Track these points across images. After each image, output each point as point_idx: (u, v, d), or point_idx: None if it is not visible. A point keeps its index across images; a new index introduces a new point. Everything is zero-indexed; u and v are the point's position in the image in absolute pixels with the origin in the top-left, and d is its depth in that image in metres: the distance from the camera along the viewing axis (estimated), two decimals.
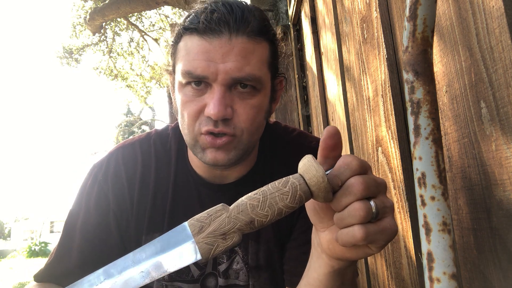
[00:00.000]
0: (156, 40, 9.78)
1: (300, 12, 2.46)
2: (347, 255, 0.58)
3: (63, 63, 10.25)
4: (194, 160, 0.90)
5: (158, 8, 8.50)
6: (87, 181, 0.92)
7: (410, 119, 0.41)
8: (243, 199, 0.53)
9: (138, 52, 10.32)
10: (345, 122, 1.38)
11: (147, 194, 0.89)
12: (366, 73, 1.10)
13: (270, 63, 0.82)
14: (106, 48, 9.96)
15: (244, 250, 0.91)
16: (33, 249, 19.33)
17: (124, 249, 0.89)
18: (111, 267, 0.54)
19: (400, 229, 0.91)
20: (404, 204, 0.86)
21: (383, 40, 0.93)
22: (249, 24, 0.76)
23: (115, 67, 10.40)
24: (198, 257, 0.52)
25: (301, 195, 0.52)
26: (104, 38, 9.77)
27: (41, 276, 0.90)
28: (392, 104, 0.89)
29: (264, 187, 0.53)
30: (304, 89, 2.52)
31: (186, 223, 0.54)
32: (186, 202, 0.90)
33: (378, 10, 0.95)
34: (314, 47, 1.94)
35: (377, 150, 1.04)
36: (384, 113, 0.95)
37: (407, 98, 0.41)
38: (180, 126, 0.83)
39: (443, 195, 0.39)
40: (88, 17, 7.20)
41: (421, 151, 0.40)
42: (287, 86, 0.97)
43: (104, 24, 8.57)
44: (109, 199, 0.89)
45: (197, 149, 0.80)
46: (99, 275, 0.54)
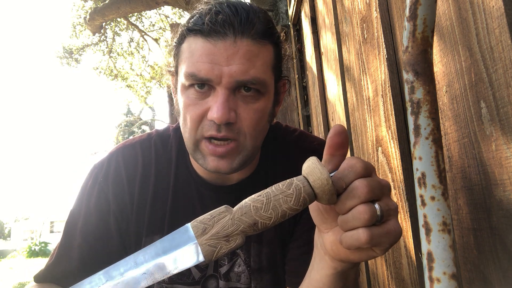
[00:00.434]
0: (156, 40, 9.78)
1: (300, 12, 2.46)
2: (351, 258, 0.57)
3: (63, 63, 10.26)
4: (195, 162, 0.89)
5: (158, 8, 8.50)
6: (88, 182, 0.91)
7: (410, 119, 0.41)
8: (247, 201, 0.53)
9: (138, 52, 10.32)
10: (345, 122, 1.38)
11: (147, 195, 0.89)
12: (366, 73, 1.10)
13: (274, 66, 0.81)
14: (106, 48, 9.96)
15: (246, 253, 0.90)
16: (33, 249, 19.33)
17: (125, 250, 0.89)
18: (113, 269, 0.54)
19: None
20: (404, 204, 0.86)
21: (383, 40, 0.93)
22: (254, 27, 0.75)
23: (115, 67, 10.40)
24: (201, 259, 0.52)
25: (305, 198, 0.51)
26: (104, 38, 9.77)
27: (42, 277, 0.90)
28: (392, 104, 0.89)
29: (268, 189, 0.53)
30: (304, 89, 2.52)
31: (189, 225, 0.53)
32: (187, 204, 0.89)
33: (378, 10, 0.95)
34: (314, 47, 1.94)
35: (377, 150, 1.04)
36: (384, 113, 0.95)
37: (407, 98, 0.41)
38: (182, 130, 0.82)
39: (443, 195, 0.39)
40: (88, 17, 7.20)
41: (421, 151, 0.40)
42: (290, 89, 0.96)
43: (104, 24, 8.57)
44: (110, 200, 0.88)
45: (198, 155, 0.79)
46: (101, 277, 0.54)
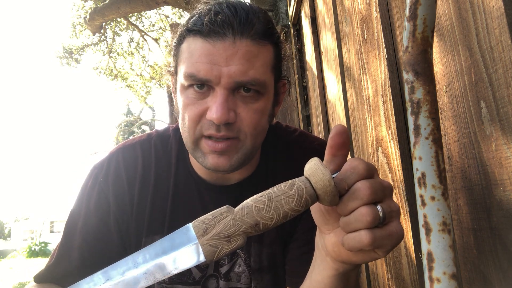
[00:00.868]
0: (156, 40, 9.78)
1: (300, 12, 2.46)
2: (353, 259, 0.57)
3: (63, 63, 10.25)
4: (196, 162, 0.89)
5: (158, 8, 8.50)
6: (88, 182, 0.91)
7: (410, 119, 0.41)
8: (249, 202, 0.53)
9: (138, 52, 10.32)
10: (345, 122, 1.38)
11: (147, 196, 0.89)
12: (366, 73, 1.10)
13: (274, 66, 0.81)
14: (106, 48, 9.96)
15: (247, 253, 0.90)
16: (33, 249, 19.33)
17: (125, 251, 0.89)
18: (114, 268, 0.54)
19: None
20: (404, 204, 0.86)
21: (383, 40, 0.93)
22: (254, 27, 0.75)
23: (115, 67, 10.40)
24: (202, 259, 0.52)
25: (307, 199, 0.51)
26: (104, 38, 9.77)
27: (42, 277, 0.90)
28: (392, 104, 0.89)
29: (270, 190, 0.53)
30: (304, 89, 2.52)
31: (191, 225, 0.53)
32: (187, 204, 0.89)
33: (378, 10, 0.95)
34: (314, 47, 1.94)
35: (377, 150, 1.04)
36: (384, 113, 0.95)
37: (407, 98, 0.41)
38: (181, 129, 0.82)
39: (443, 195, 0.39)
40: (88, 17, 7.20)
41: (421, 151, 0.40)
42: (289, 90, 0.96)
43: (104, 24, 8.57)
44: (109, 201, 0.88)
45: (198, 154, 0.79)
46: (102, 276, 0.54)
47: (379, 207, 0.51)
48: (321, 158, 0.56)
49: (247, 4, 0.81)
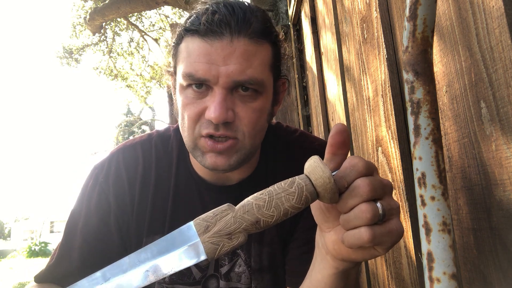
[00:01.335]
0: (156, 40, 9.78)
1: (300, 12, 2.46)
2: (353, 257, 0.57)
3: (63, 63, 10.26)
4: (196, 162, 0.89)
5: (158, 8, 8.50)
6: (88, 183, 0.91)
7: (410, 119, 0.41)
8: (249, 199, 0.53)
9: (138, 52, 10.32)
10: (345, 122, 1.38)
11: (148, 196, 0.89)
12: (366, 73, 1.10)
13: (273, 65, 0.81)
14: (106, 48, 9.96)
15: (247, 253, 0.90)
16: (33, 249, 19.32)
17: (125, 251, 0.89)
18: (116, 266, 0.54)
19: None
20: (404, 204, 0.86)
21: (383, 40, 0.93)
22: (251, 26, 0.75)
23: (115, 67, 10.40)
24: (203, 257, 0.52)
25: (307, 196, 0.51)
26: (104, 38, 9.77)
27: (42, 277, 0.90)
28: (392, 104, 0.89)
29: (270, 188, 0.53)
30: (304, 89, 2.52)
31: (192, 223, 0.54)
32: (188, 204, 0.89)
33: (378, 10, 0.95)
34: (314, 47, 1.94)
35: (377, 150, 1.04)
36: (384, 113, 0.95)
37: (407, 98, 0.41)
38: (180, 129, 0.82)
39: (443, 195, 0.40)
40: (88, 17, 7.20)
41: (421, 151, 0.40)
42: (289, 89, 0.96)
43: (104, 24, 8.57)
44: (110, 201, 0.88)
45: (197, 153, 0.79)
46: (103, 274, 0.54)
47: (379, 204, 0.51)
48: (322, 159, 0.56)
49: (245, 3, 0.81)
